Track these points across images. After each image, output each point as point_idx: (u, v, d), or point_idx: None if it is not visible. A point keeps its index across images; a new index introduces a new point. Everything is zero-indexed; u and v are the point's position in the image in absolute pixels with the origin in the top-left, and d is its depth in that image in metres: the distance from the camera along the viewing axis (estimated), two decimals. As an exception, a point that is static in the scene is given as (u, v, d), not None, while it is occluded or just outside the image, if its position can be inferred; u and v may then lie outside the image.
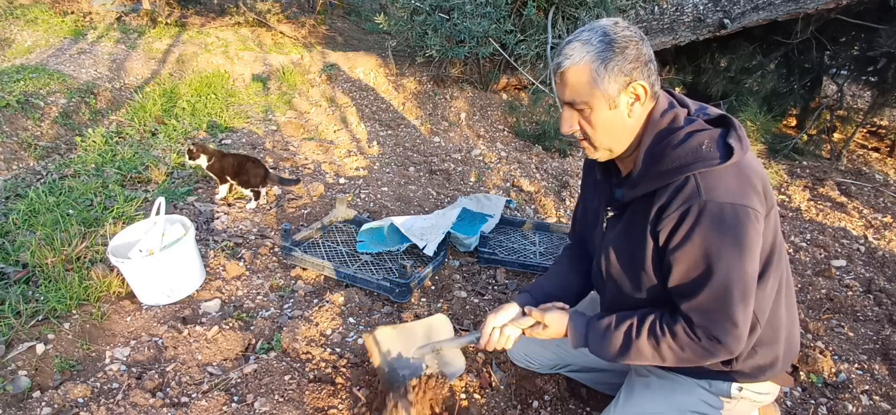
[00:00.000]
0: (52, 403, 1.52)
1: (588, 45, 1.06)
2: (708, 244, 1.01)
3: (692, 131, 1.06)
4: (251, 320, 1.96)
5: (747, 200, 1.00)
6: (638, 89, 1.08)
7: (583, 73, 1.07)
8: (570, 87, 1.09)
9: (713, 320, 1.04)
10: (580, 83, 1.08)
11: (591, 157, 1.20)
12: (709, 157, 1.02)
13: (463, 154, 3.84)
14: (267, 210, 2.79)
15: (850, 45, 4.23)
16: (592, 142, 1.15)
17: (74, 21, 5.77)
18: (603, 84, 1.06)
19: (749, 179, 1.03)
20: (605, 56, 1.05)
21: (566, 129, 1.16)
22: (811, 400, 1.76)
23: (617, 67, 1.05)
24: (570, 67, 1.08)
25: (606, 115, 1.09)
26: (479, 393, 1.67)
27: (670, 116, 1.10)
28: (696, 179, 1.01)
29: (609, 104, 1.08)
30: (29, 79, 3.91)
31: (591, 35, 1.07)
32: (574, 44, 1.08)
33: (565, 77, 1.09)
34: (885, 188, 3.70)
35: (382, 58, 5.23)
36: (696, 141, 1.04)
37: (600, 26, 1.08)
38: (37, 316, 1.82)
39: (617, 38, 1.05)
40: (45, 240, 2.15)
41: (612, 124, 1.11)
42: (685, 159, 1.03)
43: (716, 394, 1.24)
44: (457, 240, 2.50)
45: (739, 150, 1.02)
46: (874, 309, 2.28)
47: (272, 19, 6.21)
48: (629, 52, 1.05)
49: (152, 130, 3.69)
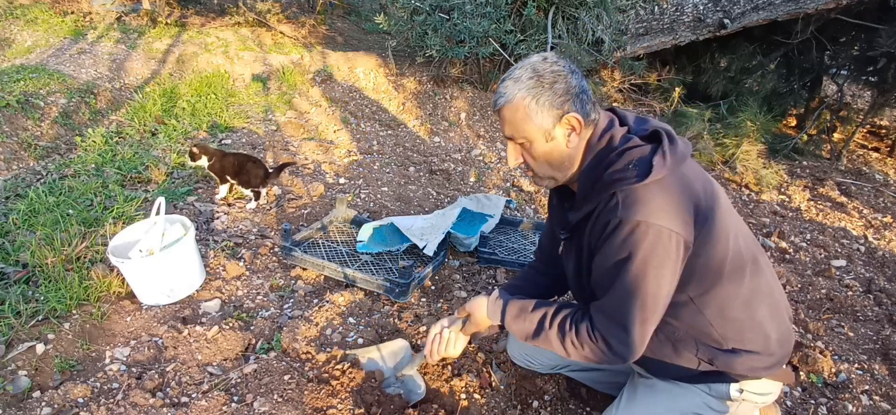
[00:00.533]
0: (52, 403, 1.52)
1: (519, 82, 1.11)
2: (616, 257, 1.07)
3: (624, 150, 1.11)
4: (251, 320, 1.96)
5: (664, 220, 1.04)
6: (572, 121, 1.12)
7: (517, 110, 1.12)
8: (508, 124, 1.15)
9: (609, 325, 1.11)
10: (516, 120, 1.13)
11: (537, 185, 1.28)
12: (630, 176, 1.06)
13: (463, 154, 3.84)
14: (267, 210, 2.79)
15: (850, 45, 4.23)
16: (537, 172, 1.21)
17: (74, 21, 5.77)
18: (537, 119, 1.11)
19: (674, 198, 1.06)
20: (536, 92, 1.10)
21: (512, 163, 1.22)
22: (811, 400, 1.76)
23: (547, 102, 1.10)
24: (506, 105, 1.13)
25: (545, 147, 1.15)
26: (479, 393, 1.67)
27: (607, 137, 1.14)
28: (618, 197, 1.06)
29: (545, 137, 1.13)
30: (29, 79, 3.90)
31: (522, 72, 1.12)
32: (507, 82, 1.13)
33: (502, 114, 1.15)
34: (885, 188, 3.70)
35: (382, 58, 5.23)
36: (626, 159, 1.09)
37: (530, 63, 1.13)
38: (37, 316, 1.82)
39: (545, 74, 1.10)
40: (45, 240, 2.15)
41: (552, 156, 1.16)
42: (612, 177, 1.08)
43: (717, 397, 1.24)
44: (457, 240, 2.49)
45: (661, 166, 1.05)
46: (874, 309, 2.28)
47: (272, 19, 6.21)
48: (558, 86, 1.10)
49: (152, 130, 3.69)
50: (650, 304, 1.07)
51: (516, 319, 1.27)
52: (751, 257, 1.18)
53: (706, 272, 1.12)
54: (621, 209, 1.05)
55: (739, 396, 1.23)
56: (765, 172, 3.65)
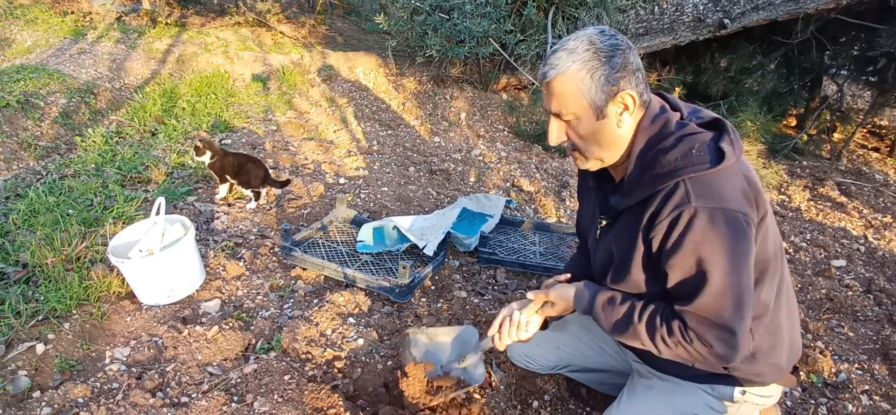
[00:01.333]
0: (52, 403, 1.52)
1: (574, 54, 1.04)
2: (700, 251, 0.99)
3: (683, 135, 1.04)
4: (251, 320, 1.96)
5: (739, 205, 0.98)
6: (626, 99, 1.06)
7: (569, 83, 1.05)
8: (557, 98, 1.08)
9: (706, 327, 1.03)
10: (567, 93, 1.06)
11: (581, 167, 1.19)
12: (699, 161, 1.00)
13: (463, 154, 3.84)
14: (267, 210, 2.79)
15: (850, 45, 4.23)
16: (583, 152, 1.14)
17: (74, 21, 5.77)
18: (590, 94, 1.04)
19: (741, 184, 1.01)
20: (592, 66, 1.03)
21: (554, 140, 1.14)
22: (811, 400, 1.76)
23: (603, 77, 1.03)
24: (556, 77, 1.06)
25: (595, 125, 1.08)
26: (479, 393, 1.67)
27: (661, 122, 1.08)
28: (686, 185, 0.99)
29: (596, 115, 1.07)
30: (29, 79, 3.90)
31: (577, 44, 1.05)
32: (559, 53, 1.06)
33: (551, 87, 1.07)
34: (885, 188, 3.70)
35: (382, 58, 5.23)
36: (686, 145, 1.02)
37: (586, 35, 1.06)
38: (37, 316, 1.82)
39: (603, 47, 1.04)
40: (45, 240, 2.15)
41: (602, 135, 1.09)
42: (675, 164, 1.01)
43: (718, 398, 1.24)
44: (457, 240, 2.49)
45: (731, 153, 1.00)
46: (874, 309, 2.28)
47: (272, 19, 6.21)
48: (616, 61, 1.03)
49: (152, 130, 3.69)
50: (747, 297, 1.01)
51: (605, 308, 1.18)
52: (781, 257, 1.16)
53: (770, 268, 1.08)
54: (694, 198, 0.98)
55: (742, 398, 1.23)
56: (765, 171, 3.65)
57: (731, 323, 1.01)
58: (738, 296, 1.00)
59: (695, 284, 1.02)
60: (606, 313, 1.18)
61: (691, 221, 0.98)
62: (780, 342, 1.18)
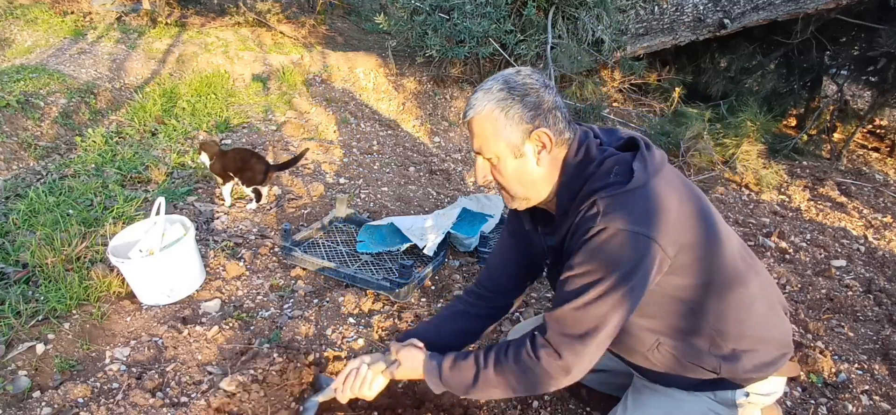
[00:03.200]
0: (52, 403, 1.52)
1: (489, 93, 1.06)
2: (589, 267, 1.00)
3: (603, 159, 1.07)
4: (251, 320, 1.96)
5: (647, 228, 0.98)
6: (542, 137, 1.07)
7: (485, 122, 1.07)
8: (477, 137, 1.10)
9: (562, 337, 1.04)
10: (484, 133, 1.08)
11: (510, 207, 1.20)
12: (614, 182, 1.01)
13: (463, 154, 3.84)
14: (267, 210, 2.79)
15: (850, 45, 4.23)
16: (509, 192, 1.15)
17: (74, 21, 5.77)
18: (505, 133, 1.06)
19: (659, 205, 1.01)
20: (505, 104, 1.05)
21: (480, 179, 1.15)
22: (811, 400, 1.76)
23: (517, 115, 1.05)
24: (474, 117, 1.08)
25: (514, 164, 1.09)
26: (479, 393, 1.66)
27: (583, 152, 1.09)
28: (599, 204, 1.01)
29: (514, 153, 1.08)
30: (29, 79, 3.90)
31: (493, 84, 1.07)
32: (478, 94, 1.08)
33: (471, 127, 1.10)
34: (885, 188, 3.70)
35: (382, 58, 5.23)
36: (606, 167, 1.05)
37: (502, 75, 1.08)
38: (37, 316, 1.82)
39: (516, 86, 1.06)
40: (45, 240, 2.15)
41: (522, 173, 1.10)
42: (594, 186, 1.03)
43: (722, 403, 1.24)
44: (457, 240, 2.49)
45: (641, 172, 1.01)
46: (874, 309, 2.28)
47: (272, 19, 6.21)
48: (529, 99, 1.05)
49: (152, 130, 3.69)
50: (615, 325, 1.03)
51: (451, 372, 1.17)
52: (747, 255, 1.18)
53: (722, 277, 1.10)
54: (602, 217, 0.99)
55: (745, 399, 1.23)
56: (765, 172, 3.65)
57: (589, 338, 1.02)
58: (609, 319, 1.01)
59: (571, 291, 1.03)
60: (454, 376, 1.17)
61: (595, 236, 0.99)
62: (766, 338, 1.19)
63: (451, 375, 1.17)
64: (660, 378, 1.27)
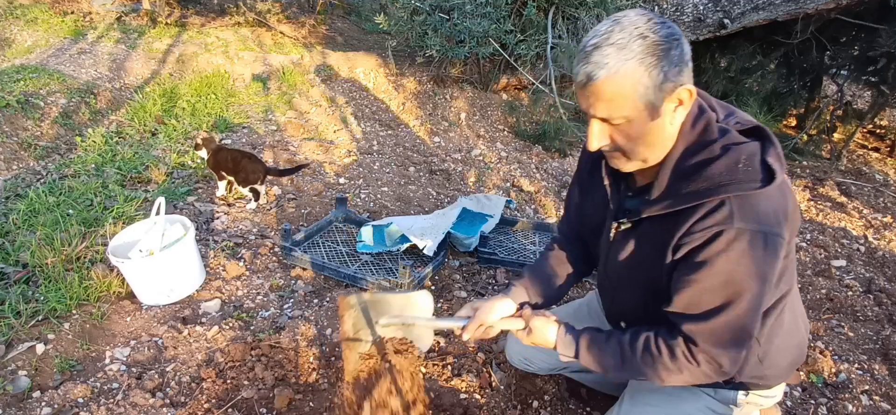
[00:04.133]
0: (52, 403, 1.52)
1: (625, 50, 0.90)
2: (733, 274, 0.93)
3: (727, 145, 0.95)
4: (251, 320, 1.96)
5: (779, 228, 0.93)
6: (682, 94, 0.94)
7: (622, 84, 0.91)
8: (606, 101, 0.93)
9: (721, 347, 0.98)
10: (619, 96, 0.92)
11: (622, 169, 1.06)
12: (746, 179, 0.91)
13: (463, 154, 3.84)
14: (267, 210, 2.79)
15: (850, 45, 4.23)
16: (627, 154, 1.01)
17: (74, 21, 5.77)
18: (647, 95, 0.92)
19: (782, 202, 0.95)
20: (649, 62, 0.90)
21: (595, 145, 1.00)
22: (811, 400, 1.76)
23: (663, 74, 0.91)
24: (606, 78, 0.91)
25: (648, 126, 0.95)
26: (480, 393, 1.67)
27: (702, 126, 0.99)
28: (732, 204, 0.91)
29: (651, 114, 0.94)
30: (29, 79, 3.90)
31: (626, 37, 0.90)
32: (605, 49, 0.90)
33: (599, 89, 0.92)
34: (885, 188, 3.70)
35: (382, 58, 5.23)
36: (732, 158, 0.94)
37: (633, 25, 0.91)
38: (37, 316, 1.82)
39: (659, 39, 0.90)
40: (45, 240, 2.15)
41: (653, 134, 0.97)
42: (721, 179, 0.92)
43: (722, 401, 1.24)
44: (457, 240, 2.49)
45: (780, 171, 0.92)
46: (874, 309, 2.28)
47: (272, 19, 6.21)
48: (674, 53, 0.91)
49: (152, 130, 3.69)
50: (758, 318, 0.98)
51: (589, 350, 1.13)
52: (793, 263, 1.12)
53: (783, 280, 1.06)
54: (737, 219, 0.91)
55: (745, 399, 1.22)
56: (765, 172, 3.64)
57: (744, 342, 0.98)
58: (755, 316, 0.97)
59: (718, 305, 0.96)
60: (592, 354, 1.13)
61: (731, 243, 0.92)
62: (788, 343, 1.18)
63: (590, 354, 1.13)
64: None
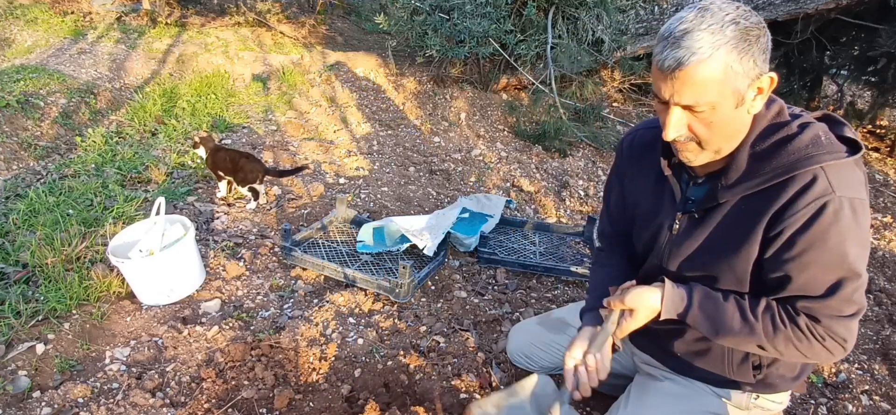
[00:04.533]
0: (52, 403, 1.52)
1: (718, 35, 0.89)
2: (845, 245, 0.93)
3: (804, 123, 0.97)
4: (251, 320, 1.96)
5: (866, 194, 0.96)
6: (764, 82, 0.94)
7: (715, 69, 0.90)
8: (696, 87, 0.91)
9: (842, 322, 0.97)
10: (709, 80, 0.91)
11: (692, 162, 1.04)
12: (833, 149, 0.93)
13: (463, 154, 3.84)
14: (267, 210, 2.79)
15: (850, 45, 4.23)
16: (703, 144, 0.99)
17: (74, 21, 5.77)
18: (736, 81, 0.91)
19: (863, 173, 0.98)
20: (742, 48, 0.89)
21: (672, 134, 0.98)
22: (811, 400, 1.76)
23: (752, 60, 0.91)
24: (698, 63, 0.89)
25: (731, 114, 0.95)
26: (480, 393, 1.67)
27: (776, 108, 1.01)
28: (826, 174, 0.92)
29: (737, 101, 0.93)
30: (29, 79, 3.90)
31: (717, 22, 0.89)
32: (697, 34, 0.89)
33: (690, 75, 0.91)
34: (885, 188, 3.70)
35: (382, 58, 5.23)
36: (813, 132, 0.95)
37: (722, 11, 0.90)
38: (37, 316, 1.82)
39: (750, 26, 0.91)
40: (45, 240, 2.15)
41: (733, 123, 0.97)
42: (807, 151, 0.93)
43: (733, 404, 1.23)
44: (457, 240, 2.49)
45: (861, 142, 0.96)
46: (874, 309, 2.28)
47: (272, 19, 6.21)
48: (762, 41, 0.91)
49: (152, 130, 3.69)
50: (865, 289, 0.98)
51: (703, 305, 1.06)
52: None
53: None
54: (838, 188, 0.91)
55: (754, 403, 1.22)
56: (765, 172, 3.64)
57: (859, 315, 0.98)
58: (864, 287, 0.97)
59: (838, 278, 0.95)
60: (707, 313, 1.06)
61: (838, 212, 0.91)
62: None
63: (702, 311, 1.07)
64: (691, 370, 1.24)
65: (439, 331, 1.93)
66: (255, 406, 1.57)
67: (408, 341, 1.87)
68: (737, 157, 1.01)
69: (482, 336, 1.94)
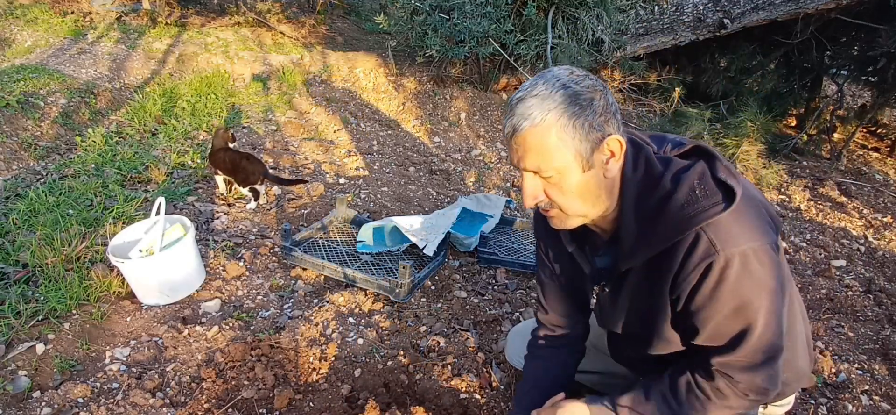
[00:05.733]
0: (52, 403, 1.52)
1: (548, 100, 0.89)
2: (740, 298, 0.90)
3: (676, 173, 0.93)
4: (251, 320, 1.96)
5: (763, 236, 0.90)
6: (612, 145, 0.93)
7: (548, 134, 0.90)
8: (533, 153, 0.91)
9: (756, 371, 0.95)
10: (546, 148, 0.90)
11: (561, 227, 1.04)
12: (709, 204, 0.89)
13: (463, 154, 3.84)
14: (267, 210, 2.79)
15: (850, 45, 4.23)
16: (564, 210, 0.98)
17: (74, 21, 5.77)
18: (574, 145, 0.90)
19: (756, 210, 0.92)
20: (573, 111, 0.89)
21: (530, 202, 0.98)
22: (811, 400, 1.76)
23: (588, 124, 0.90)
24: (530, 129, 0.90)
25: (580, 178, 0.93)
26: (480, 393, 1.67)
27: (643, 162, 0.97)
28: (706, 234, 0.89)
29: (582, 166, 0.92)
30: (29, 79, 3.91)
31: (548, 89, 0.90)
32: (529, 101, 0.90)
33: (525, 141, 0.91)
34: (885, 188, 3.70)
35: (382, 58, 5.23)
36: (686, 186, 0.91)
37: (555, 77, 0.91)
38: (37, 316, 1.82)
39: (581, 90, 0.90)
40: (45, 240, 2.15)
41: (588, 187, 0.95)
42: (684, 212, 0.90)
43: None
44: (457, 240, 2.49)
45: (736, 185, 0.89)
46: (874, 309, 2.28)
47: (272, 19, 6.21)
48: (597, 103, 0.91)
49: (152, 130, 3.69)
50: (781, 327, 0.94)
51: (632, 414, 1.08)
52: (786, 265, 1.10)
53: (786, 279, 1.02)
54: (720, 246, 0.87)
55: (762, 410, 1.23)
56: (765, 171, 3.65)
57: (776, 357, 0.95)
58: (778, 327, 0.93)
59: (739, 332, 0.93)
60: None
61: (724, 270, 0.88)
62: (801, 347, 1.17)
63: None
64: None
65: (439, 331, 1.93)
66: (255, 406, 1.57)
67: (408, 341, 1.87)
68: (624, 224, 0.98)
69: (482, 336, 1.94)
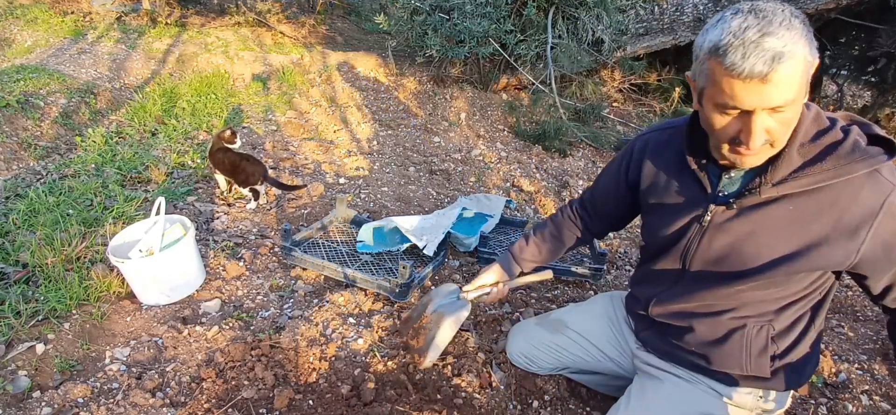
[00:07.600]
0: (52, 403, 1.52)
1: (793, 31, 0.86)
2: None
3: (845, 127, 1.00)
4: (251, 320, 1.96)
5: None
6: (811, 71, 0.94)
7: (798, 64, 0.87)
8: (785, 86, 0.87)
9: None
10: (794, 77, 0.87)
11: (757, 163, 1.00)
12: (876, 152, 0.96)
13: (463, 154, 3.84)
14: (267, 210, 2.79)
15: (850, 45, 4.23)
16: (775, 144, 0.96)
17: (74, 21, 5.77)
18: (809, 71, 0.90)
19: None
20: (808, 37, 0.88)
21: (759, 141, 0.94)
22: (811, 400, 1.76)
23: (814, 47, 0.90)
24: (787, 61, 0.86)
25: (800, 106, 0.94)
26: (480, 393, 1.67)
27: (814, 110, 1.02)
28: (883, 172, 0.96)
29: (806, 92, 0.93)
30: (29, 79, 3.91)
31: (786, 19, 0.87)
32: (781, 33, 0.86)
33: (781, 75, 0.86)
34: (885, 188, 3.70)
35: (382, 58, 5.23)
36: (854, 135, 0.98)
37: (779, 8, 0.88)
38: (37, 316, 1.82)
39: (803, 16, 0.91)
40: (45, 240, 2.15)
41: (797, 115, 0.96)
42: (854, 155, 0.95)
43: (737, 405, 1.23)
44: (457, 240, 2.49)
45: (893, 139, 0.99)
46: (874, 309, 2.28)
47: (272, 19, 6.21)
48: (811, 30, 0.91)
49: (152, 130, 3.69)
50: None
51: None
52: None
53: None
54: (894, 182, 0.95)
55: (758, 404, 1.22)
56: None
57: None
58: None
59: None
60: None
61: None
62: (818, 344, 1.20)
63: None
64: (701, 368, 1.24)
65: (439, 331, 1.93)
66: (255, 406, 1.58)
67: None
68: (787, 153, 0.98)
69: (482, 336, 1.94)
